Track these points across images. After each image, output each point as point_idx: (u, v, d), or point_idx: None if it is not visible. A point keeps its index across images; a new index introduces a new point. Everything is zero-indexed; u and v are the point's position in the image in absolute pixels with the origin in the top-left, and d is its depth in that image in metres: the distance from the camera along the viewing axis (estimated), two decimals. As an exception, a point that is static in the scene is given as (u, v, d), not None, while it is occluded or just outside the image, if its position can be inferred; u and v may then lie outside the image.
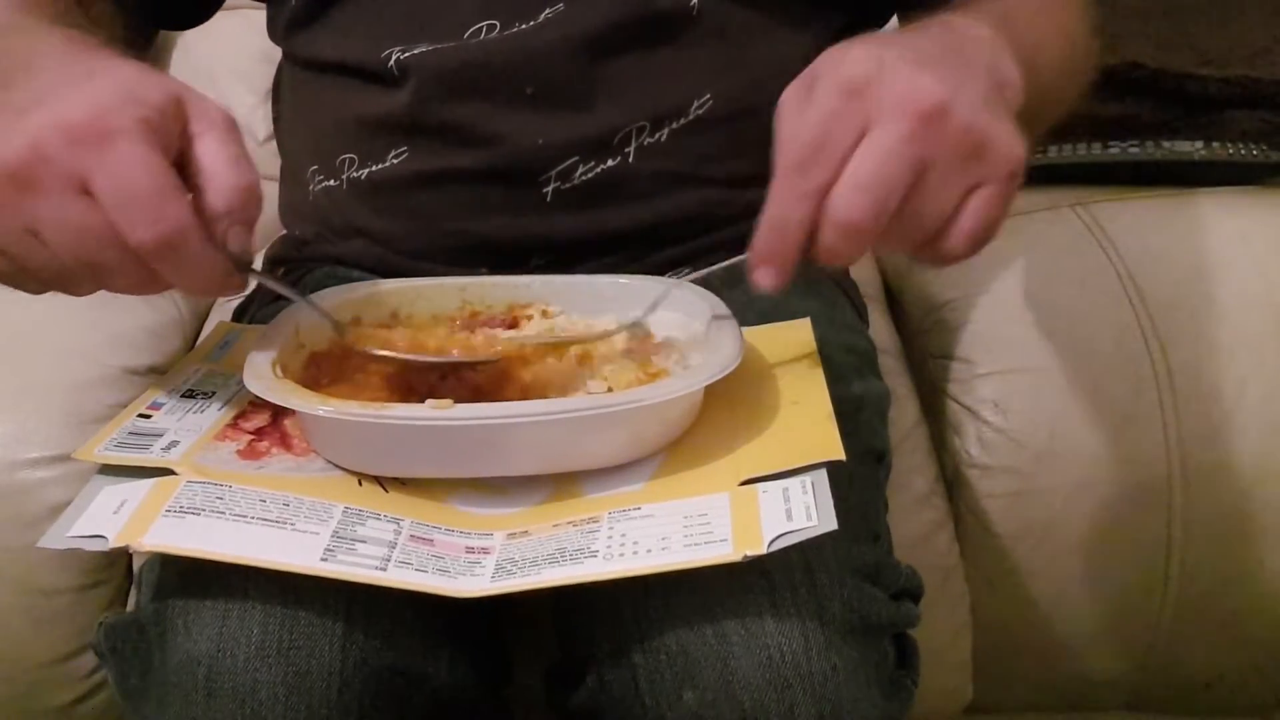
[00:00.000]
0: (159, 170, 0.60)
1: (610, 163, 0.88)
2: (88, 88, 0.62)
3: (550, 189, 0.87)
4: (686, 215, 0.90)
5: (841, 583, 0.69)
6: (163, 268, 0.63)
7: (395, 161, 0.90)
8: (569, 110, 0.87)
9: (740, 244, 0.69)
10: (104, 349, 1.12)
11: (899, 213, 0.61)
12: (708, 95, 0.88)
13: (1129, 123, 1.30)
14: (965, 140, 0.61)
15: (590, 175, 0.88)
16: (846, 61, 0.63)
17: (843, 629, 0.68)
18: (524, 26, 0.87)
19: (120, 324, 1.16)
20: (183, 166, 0.64)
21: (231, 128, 0.66)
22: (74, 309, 1.14)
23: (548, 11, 0.86)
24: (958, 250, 0.63)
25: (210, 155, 0.64)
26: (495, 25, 0.87)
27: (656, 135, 0.88)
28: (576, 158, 0.87)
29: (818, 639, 0.66)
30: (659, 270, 0.90)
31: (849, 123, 0.61)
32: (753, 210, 0.75)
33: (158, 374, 1.12)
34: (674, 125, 0.88)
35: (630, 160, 0.88)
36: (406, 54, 0.87)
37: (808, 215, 0.62)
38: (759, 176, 0.67)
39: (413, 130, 0.89)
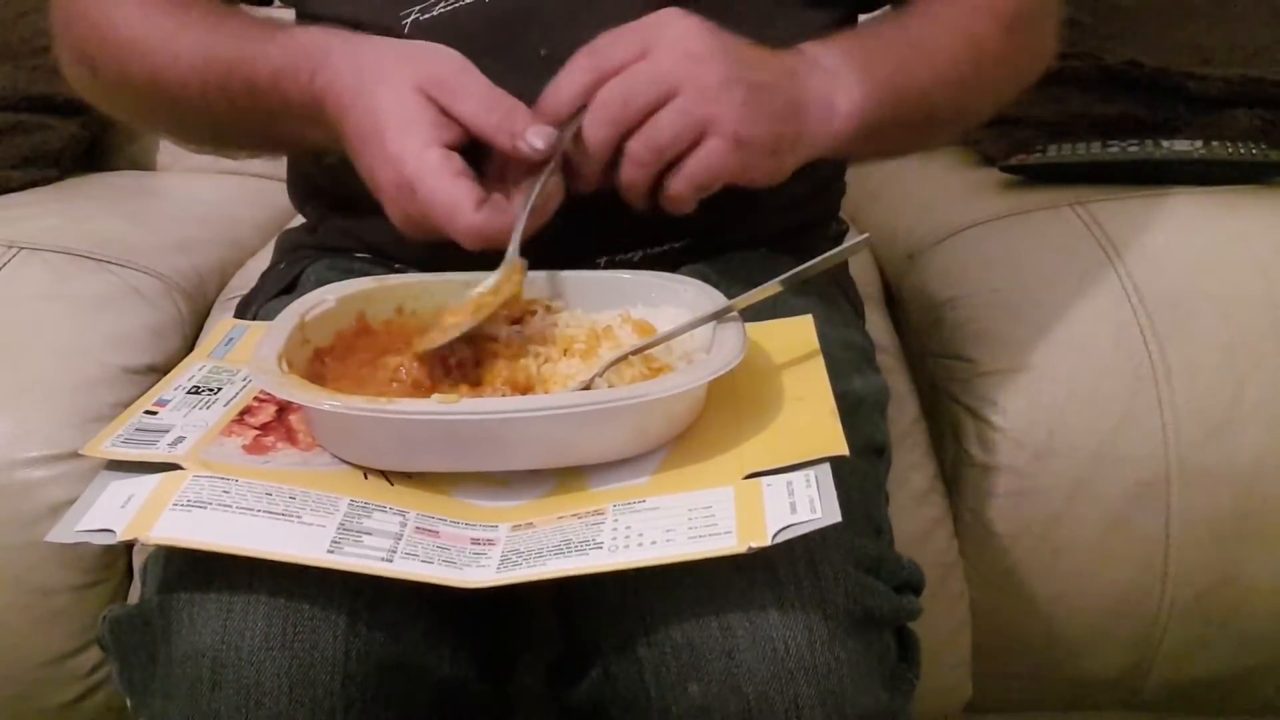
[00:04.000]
0: (443, 197, 0.75)
1: None
2: (381, 144, 0.77)
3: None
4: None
5: (844, 575, 0.70)
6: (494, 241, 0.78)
7: None
8: None
9: (739, 217, 0.85)
10: (104, 348, 1.12)
11: (643, 123, 0.76)
12: None
13: (1129, 122, 1.30)
14: (714, 87, 0.76)
15: None
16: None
17: (846, 621, 0.68)
18: None
19: (120, 323, 1.16)
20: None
21: (461, 71, 0.80)
22: (74, 309, 1.15)
23: None
24: (678, 187, 0.78)
25: (467, 118, 0.78)
26: None
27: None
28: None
29: (821, 631, 0.66)
30: (657, 241, 0.91)
31: (633, 40, 0.78)
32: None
33: (157, 373, 1.12)
34: None
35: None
36: (425, 15, 0.88)
37: (585, 88, 0.77)
38: None
39: None
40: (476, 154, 0.79)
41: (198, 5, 0.91)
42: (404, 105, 0.77)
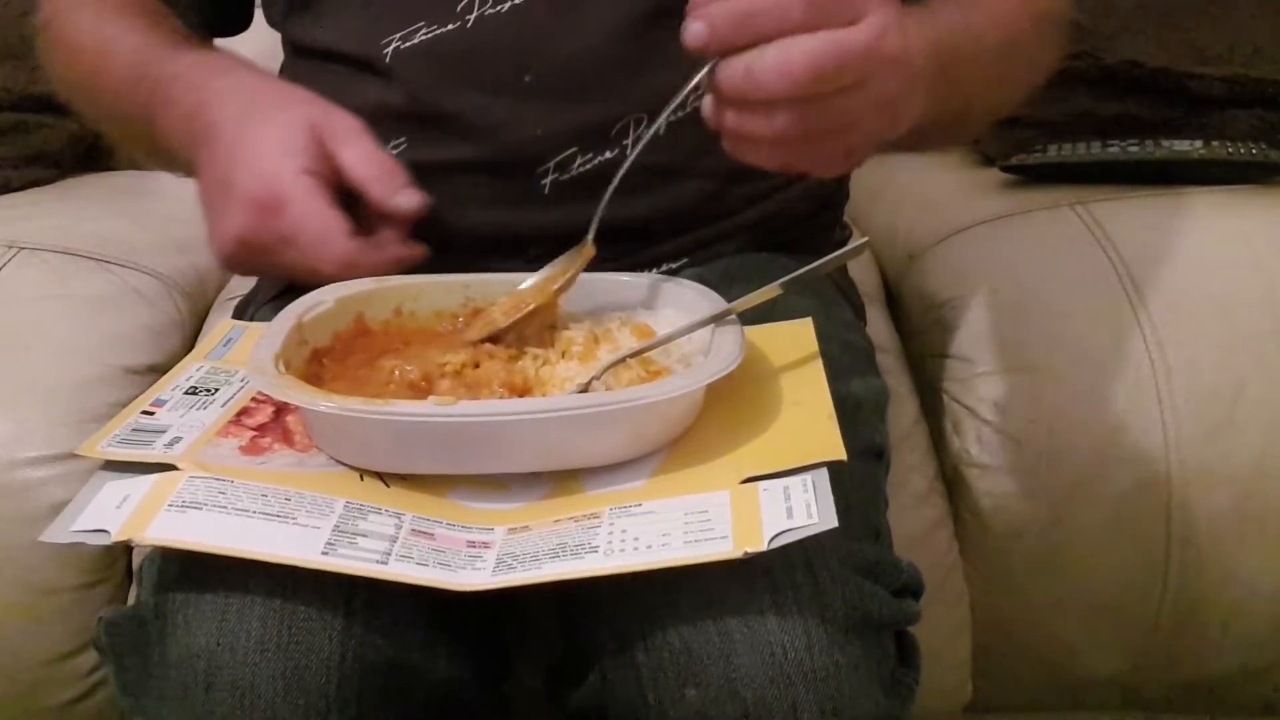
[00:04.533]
0: (318, 219, 0.78)
1: (608, 154, 0.88)
2: (257, 159, 0.79)
3: (548, 180, 0.88)
4: (683, 208, 0.91)
5: (843, 580, 0.69)
6: (356, 272, 0.81)
7: (394, 152, 0.90)
8: (568, 100, 0.87)
9: (736, 238, 0.80)
10: (104, 348, 1.12)
11: (825, 97, 0.67)
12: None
13: (1128, 122, 1.30)
14: (887, 98, 0.69)
15: (588, 167, 0.88)
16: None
17: (845, 626, 0.67)
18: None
19: (120, 323, 1.16)
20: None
21: (356, 130, 0.82)
22: (74, 309, 1.16)
23: None
24: (773, 162, 0.71)
25: (349, 163, 0.81)
26: None
27: (654, 127, 0.88)
28: (575, 149, 0.88)
29: (820, 636, 0.66)
30: (655, 262, 0.91)
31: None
32: (748, 203, 0.78)
33: (157, 373, 1.12)
34: (672, 117, 0.87)
35: (628, 152, 0.87)
36: (406, 44, 0.88)
37: (787, 25, 0.65)
38: (754, 170, 0.69)
39: (411, 121, 0.89)
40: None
41: (147, 16, 0.95)
42: (289, 133, 0.80)
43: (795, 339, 0.81)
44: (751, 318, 0.79)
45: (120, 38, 0.93)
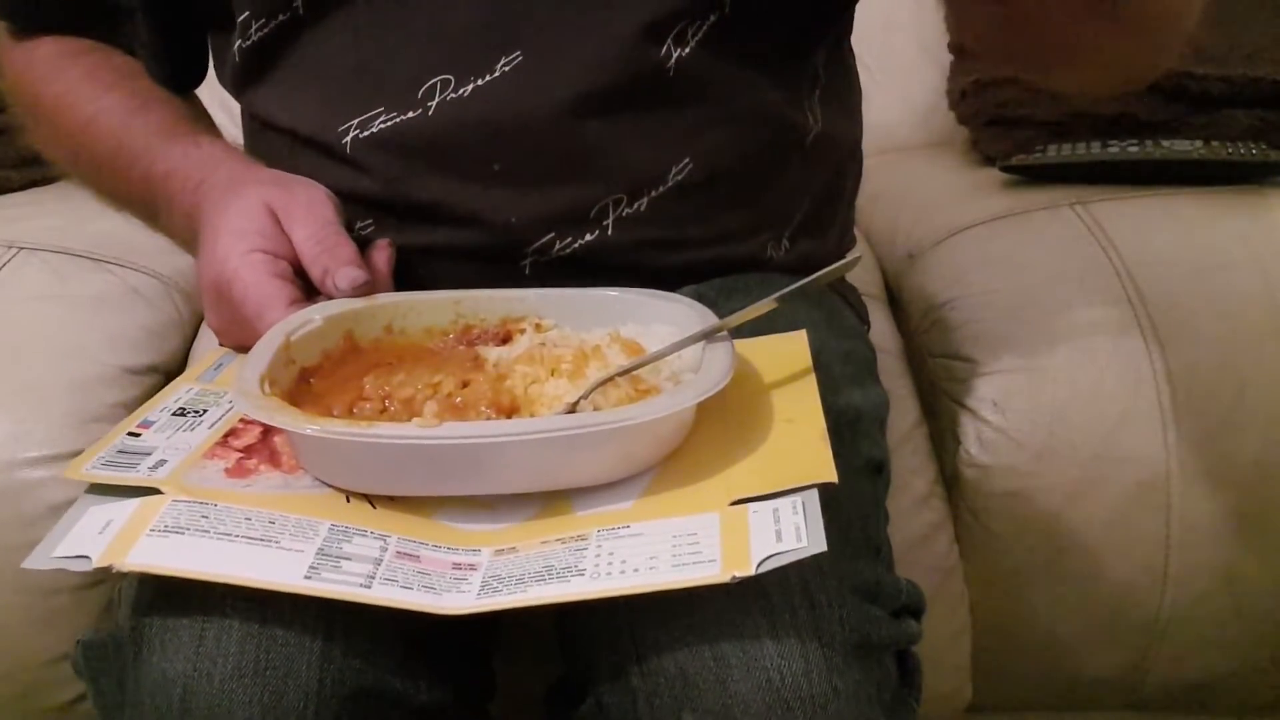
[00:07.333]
0: (257, 292, 0.78)
1: (589, 237, 0.85)
2: (216, 244, 0.80)
3: (528, 262, 0.86)
4: (672, 277, 0.88)
5: (841, 602, 0.68)
6: None
7: (362, 232, 0.88)
8: (540, 186, 0.84)
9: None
10: (103, 348, 1.12)
11: None
12: (686, 159, 0.85)
13: (1128, 122, 1.30)
14: None
15: (569, 250, 0.85)
16: None
17: (843, 650, 0.66)
18: (480, 82, 0.83)
19: (120, 323, 1.16)
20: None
21: (311, 206, 0.82)
22: (74, 309, 1.15)
23: (504, 63, 0.83)
24: None
25: (296, 243, 0.81)
26: (450, 80, 0.84)
27: (635, 205, 0.85)
28: (553, 234, 0.85)
29: (818, 661, 0.64)
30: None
31: None
32: (740, 264, 0.81)
33: (157, 373, 1.13)
34: (653, 194, 0.85)
35: (609, 233, 0.85)
36: (365, 132, 0.85)
37: None
38: (745, 229, 0.67)
39: (378, 207, 0.87)
40: None
41: (122, 86, 0.95)
42: (243, 217, 0.81)
43: (789, 353, 0.80)
44: (747, 330, 0.78)
45: (100, 120, 0.92)
